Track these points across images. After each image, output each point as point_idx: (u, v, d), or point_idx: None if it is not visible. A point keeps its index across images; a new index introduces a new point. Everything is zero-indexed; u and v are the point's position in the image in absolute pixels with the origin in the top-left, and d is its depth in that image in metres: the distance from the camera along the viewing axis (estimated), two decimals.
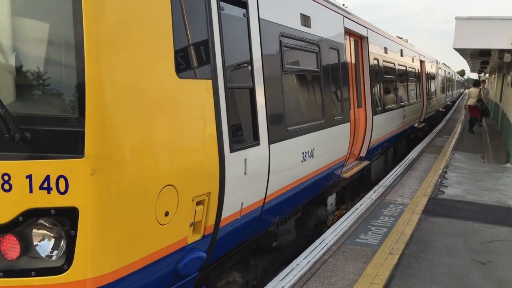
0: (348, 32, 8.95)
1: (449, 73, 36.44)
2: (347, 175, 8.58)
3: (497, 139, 18.09)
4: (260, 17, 5.16)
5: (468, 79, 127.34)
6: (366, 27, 10.25)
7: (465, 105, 21.77)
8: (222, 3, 4.39)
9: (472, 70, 36.44)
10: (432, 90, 22.22)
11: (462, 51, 16.14)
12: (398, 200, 8.56)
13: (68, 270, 3.12)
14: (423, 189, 9.46)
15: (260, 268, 5.83)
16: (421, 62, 18.81)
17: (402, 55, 14.61)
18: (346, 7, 9.36)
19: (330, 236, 6.52)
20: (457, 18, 12.65)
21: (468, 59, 21.77)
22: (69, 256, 3.12)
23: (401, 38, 17.04)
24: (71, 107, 3.14)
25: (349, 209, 8.06)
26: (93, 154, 3.07)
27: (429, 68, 21.11)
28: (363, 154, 9.87)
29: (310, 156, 6.51)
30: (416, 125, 17.65)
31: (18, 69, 3.28)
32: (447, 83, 32.39)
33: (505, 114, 18.55)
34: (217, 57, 4.21)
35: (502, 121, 19.86)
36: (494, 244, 6.49)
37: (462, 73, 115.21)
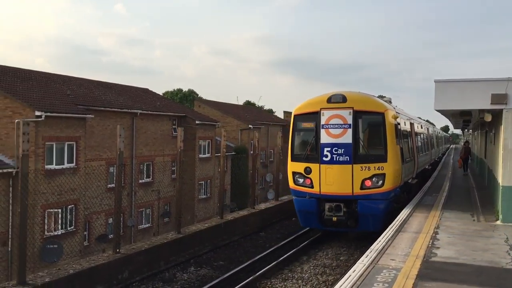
0: (409, 122, 19.65)
1: (439, 132, 50.83)
2: (412, 182, 18.98)
3: (485, 195, 18.22)
4: (396, 122, 15.23)
5: (453, 135, 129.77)
6: (413, 119, 21.95)
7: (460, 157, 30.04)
8: (397, 125, 15.38)
9: (455, 127, 37.23)
10: (433, 144, 33.61)
11: (443, 112, 16.57)
12: (391, 265, 8.49)
13: (383, 186, 14.21)
14: (415, 252, 9.41)
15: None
16: (427, 128, 29.83)
17: (421, 127, 25.06)
18: (394, 106, 19.20)
19: None
20: (436, 81, 13.10)
21: (450, 118, 22.28)
22: (383, 183, 14.21)
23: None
24: (381, 151, 14.50)
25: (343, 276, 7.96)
26: (389, 161, 14.33)
27: (431, 131, 33.09)
28: (414, 175, 19.51)
29: (409, 170, 17.74)
30: (427, 166, 26.77)
31: (366, 144, 14.75)
32: (438, 140, 45.38)
33: (491, 170, 18.82)
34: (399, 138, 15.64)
35: (488, 177, 20.10)
36: None
37: (446, 129, 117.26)
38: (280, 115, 74.46)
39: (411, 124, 19.96)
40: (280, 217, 20.22)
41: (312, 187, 14.63)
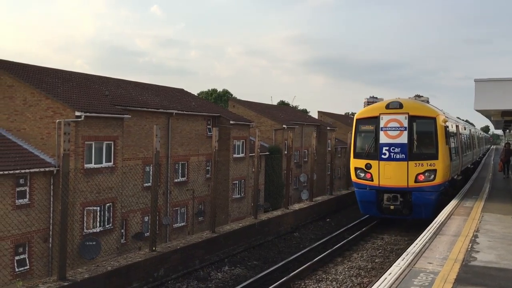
0: (456, 124, 21.10)
1: (480, 133, 52.28)
2: (458, 178, 20.61)
3: None
4: (445, 125, 17.55)
5: (493, 135, 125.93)
6: (457, 121, 23.40)
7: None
8: (446, 127, 17.62)
9: (496, 128, 36.13)
10: (475, 144, 35.27)
11: (483, 112, 16.13)
12: (429, 268, 8.31)
13: (434, 180, 16.41)
14: (454, 255, 9.18)
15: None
16: (470, 130, 31.21)
17: (465, 129, 26.52)
18: (443, 111, 20.42)
19: None
20: (476, 80, 12.76)
21: (490, 119, 21.66)
22: (434, 177, 16.34)
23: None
24: (433, 150, 16.65)
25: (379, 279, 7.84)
26: (440, 159, 16.56)
27: (472, 132, 34.29)
28: (459, 172, 20.99)
29: (455, 168, 19.37)
30: (469, 165, 28.07)
31: (420, 144, 17.01)
32: (479, 140, 46.39)
33: None
34: (449, 141, 18.30)
35: None
36: None
37: (486, 129, 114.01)
38: (315, 115, 74.09)
39: (457, 127, 21.75)
40: (314, 217, 20.11)
41: (372, 180, 16.98)
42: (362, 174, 17.24)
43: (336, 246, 14.91)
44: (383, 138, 16.79)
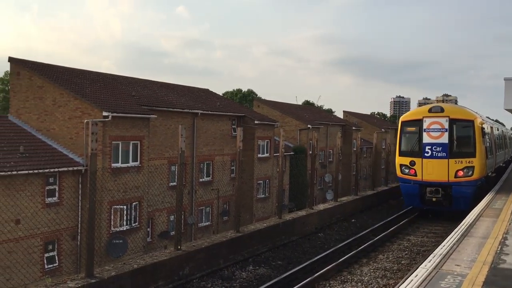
0: (490, 126, 22.50)
1: (511, 134, 54.98)
2: (492, 175, 21.95)
3: None
4: (482, 127, 19.25)
5: None
6: (491, 123, 25.17)
7: None
8: (483, 129, 19.32)
9: None
10: (507, 144, 36.68)
11: None
12: (456, 270, 8.15)
13: (472, 176, 18.34)
14: (482, 257, 8.99)
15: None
16: (502, 130, 32.71)
17: (498, 130, 27.77)
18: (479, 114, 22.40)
19: None
20: (506, 79, 12.49)
21: None
22: (472, 173, 18.30)
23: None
24: (471, 149, 18.60)
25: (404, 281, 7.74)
26: (477, 157, 18.41)
27: (504, 132, 35.99)
28: (493, 170, 22.69)
29: (490, 165, 21.39)
30: (502, 164, 29.55)
31: (459, 144, 19.00)
32: (510, 140, 48.10)
33: None
34: (485, 142, 20.19)
35: None
36: None
37: None
38: (340, 114, 73.60)
39: (491, 128, 23.62)
40: (339, 218, 19.98)
41: (416, 175, 19.08)
42: (407, 170, 19.33)
43: (361, 247, 14.78)
44: (426, 138, 18.85)
